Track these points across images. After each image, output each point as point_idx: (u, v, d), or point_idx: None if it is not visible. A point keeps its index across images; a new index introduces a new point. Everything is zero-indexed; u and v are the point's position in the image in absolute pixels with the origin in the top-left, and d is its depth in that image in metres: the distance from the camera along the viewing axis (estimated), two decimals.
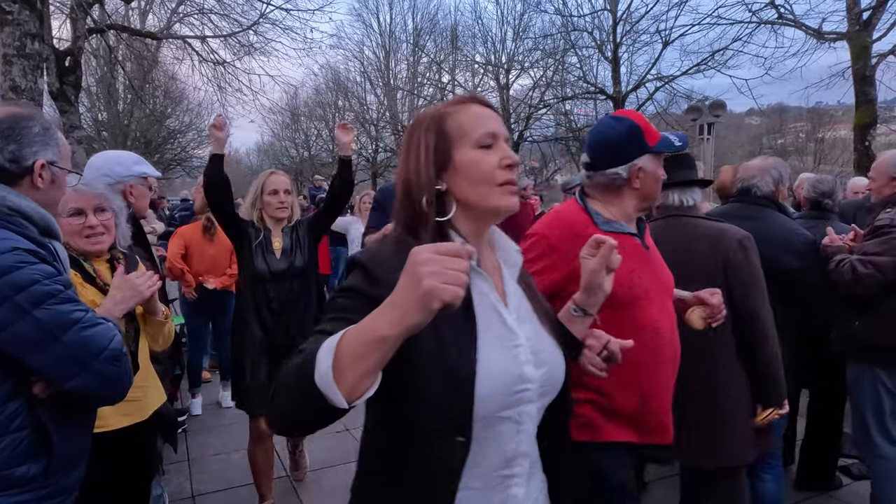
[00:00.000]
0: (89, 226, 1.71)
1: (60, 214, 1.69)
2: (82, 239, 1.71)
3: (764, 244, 2.06)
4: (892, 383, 2.44)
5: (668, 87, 15.11)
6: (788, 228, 2.42)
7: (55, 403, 1.25)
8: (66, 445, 1.27)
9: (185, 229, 4.33)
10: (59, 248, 1.32)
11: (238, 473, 3.35)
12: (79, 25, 9.02)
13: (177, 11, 12.69)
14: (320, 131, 26.49)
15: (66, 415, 1.28)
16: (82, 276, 1.68)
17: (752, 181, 2.47)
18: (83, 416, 1.37)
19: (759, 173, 2.46)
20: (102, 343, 1.26)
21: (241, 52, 12.06)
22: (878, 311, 2.39)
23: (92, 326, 1.25)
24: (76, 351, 1.21)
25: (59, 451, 1.24)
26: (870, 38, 9.00)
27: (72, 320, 1.22)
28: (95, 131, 18.93)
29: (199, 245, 4.24)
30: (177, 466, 3.42)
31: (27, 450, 1.21)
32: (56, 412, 1.25)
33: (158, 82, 18.52)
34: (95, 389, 1.26)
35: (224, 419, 4.22)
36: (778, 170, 2.48)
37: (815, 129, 29.36)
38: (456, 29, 20.67)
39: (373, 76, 23.44)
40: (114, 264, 1.82)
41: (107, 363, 1.26)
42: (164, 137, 21.30)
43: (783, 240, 2.35)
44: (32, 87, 6.07)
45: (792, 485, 3.06)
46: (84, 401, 1.31)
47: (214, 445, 3.75)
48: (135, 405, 1.81)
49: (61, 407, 1.26)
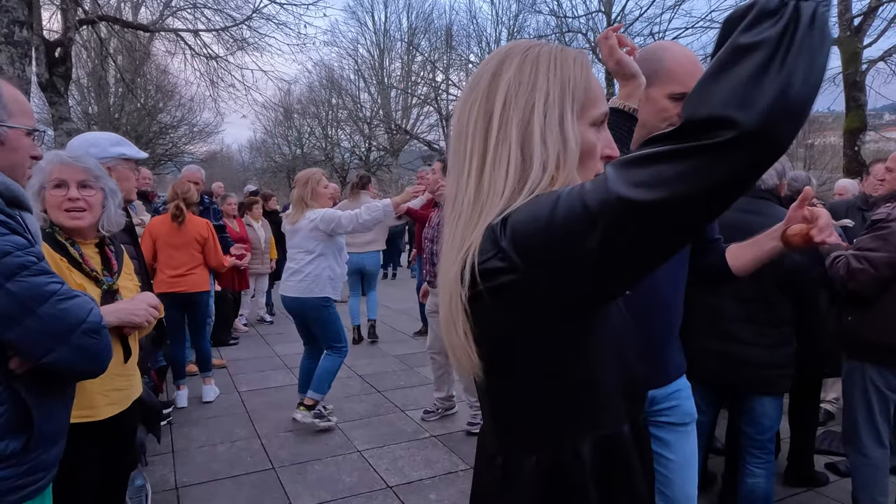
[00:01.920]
0: (70, 198, 1.65)
1: (44, 186, 1.65)
2: (61, 212, 1.65)
3: None
4: (882, 381, 2.43)
5: None
6: None
7: (34, 378, 1.21)
8: (46, 421, 1.24)
9: (152, 223, 4.26)
10: (30, 219, 1.27)
11: (223, 465, 3.32)
12: (69, 16, 8.93)
13: (170, 5, 12.59)
14: (313, 129, 26.39)
15: (46, 390, 1.25)
16: (68, 261, 1.64)
17: None
18: (63, 391, 1.33)
19: None
20: (80, 315, 1.22)
21: (234, 47, 12.01)
22: (870, 307, 2.39)
23: (69, 299, 1.21)
24: (53, 324, 1.18)
25: (39, 427, 1.21)
26: (860, 43, 9.08)
27: (47, 292, 1.18)
28: (85, 124, 18.72)
29: (167, 234, 4.15)
30: (161, 458, 3.38)
31: (6, 426, 1.18)
32: (35, 387, 1.22)
33: (150, 76, 18.39)
34: (74, 363, 1.23)
35: (209, 412, 4.18)
36: (782, 163, 2.48)
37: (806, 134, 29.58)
38: (451, 28, 20.71)
39: (367, 74, 23.40)
40: (104, 249, 1.78)
41: (85, 336, 1.22)
42: (156, 132, 21.11)
43: None
44: (20, 75, 6.00)
45: (780, 481, 3.06)
46: (64, 375, 1.28)
47: (199, 438, 3.71)
48: (123, 394, 1.78)
49: (41, 382, 1.22)
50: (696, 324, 2.41)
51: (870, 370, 2.45)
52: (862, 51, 9.12)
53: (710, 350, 2.39)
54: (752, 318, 2.34)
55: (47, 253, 1.54)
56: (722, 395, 2.58)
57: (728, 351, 2.36)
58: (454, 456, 3.45)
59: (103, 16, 10.58)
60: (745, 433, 2.51)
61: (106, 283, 1.69)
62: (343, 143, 25.39)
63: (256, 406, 4.29)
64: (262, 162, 30.22)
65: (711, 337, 2.39)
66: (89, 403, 1.66)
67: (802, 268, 2.33)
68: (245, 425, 3.93)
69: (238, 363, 5.43)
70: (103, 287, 1.67)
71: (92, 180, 1.71)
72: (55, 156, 1.69)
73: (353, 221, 3.67)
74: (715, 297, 2.41)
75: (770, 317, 2.34)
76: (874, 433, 2.44)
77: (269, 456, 3.44)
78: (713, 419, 2.66)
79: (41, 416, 1.23)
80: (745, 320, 2.35)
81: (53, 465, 1.33)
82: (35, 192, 1.64)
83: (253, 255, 6.38)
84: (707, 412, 2.63)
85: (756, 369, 2.35)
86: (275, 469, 3.28)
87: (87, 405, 1.66)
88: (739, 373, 2.37)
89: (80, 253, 1.67)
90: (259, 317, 7.29)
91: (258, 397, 4.50)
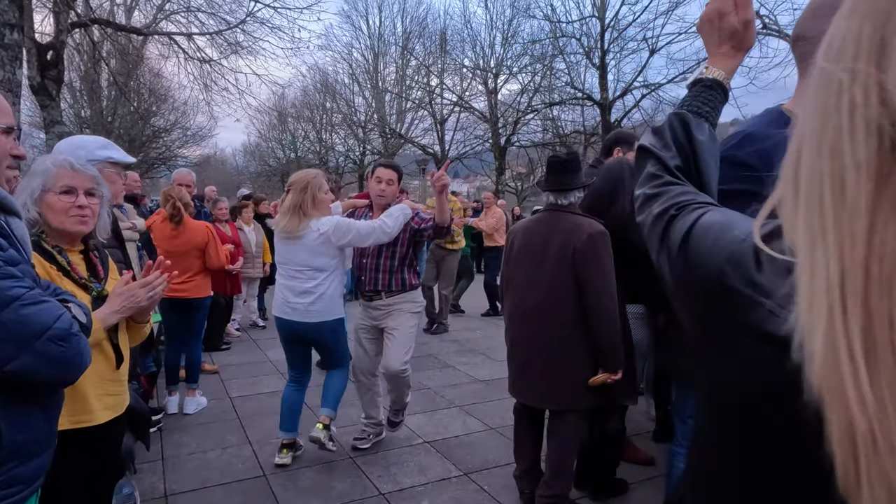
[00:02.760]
0: (79, 205, 1.64)
1: (51, 190, 1.63)
2: (69, 218, 1.63)
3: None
4: None
5: (654, 94, 15.27)
6: None
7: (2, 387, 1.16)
8: (20, 431, 1.21)
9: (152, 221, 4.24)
10: (16, 224, 1.23)
11: (213, 473, 3.28)
12: (62, 19, 8.88)
13: (163, 8, 12.56)
14: (307, 132, 26.35)
15: (18, 398, 1.20)
16: (57, 268, 1.62)
17: None
18: (40, 400, 1.29)
19: None
20: (45, 322, 1.18)
21: (227, 51, 11.98)
22: None
23: (34, 304, 1.17)
24: (15, 330, 1.13)
25: (9, 438, 1.18)
26: None
27: (9, 297, 1.13)
28: (78, 128, 18.63)
29: (166, 240, 4.10)
30: (150, 465, 3.34)
31: None
32: (3, 396, 1.17)
33: (143, 79, 18.31)
34: (39, 371, 1.18)
35: (200, 418, 4.14)
36: None
37: None
38: (445, 33, 20.75)
39: (361, 78, 23.40)
40: (89, 256, 1.75)
41: (51, 343, 1.18)
42: (149, 136, 21.02)
43: None
44: (10, 78, 5.96)
45: None
46: (32, 384, 1.23)
47: (189, 444, 3.67)
48: (117, 399, 1.78)
49: (11, 390, 1.18)
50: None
51: None
52: None
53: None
54: None
55: (37, 261, 1.52)
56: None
57: None
58: (447, 462, 3.43)
59: (96, 19, 10.54)
60: None
61: (95, 290, 1.67)
62: (337, 146, 25.37)
63: (248, 412, 4.26)
64: (256, 166, 30.16)
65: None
66: (86, 408, 1.65)
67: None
68: (236, 431, 3.89)
69: (230, 368, 5.39)
70: (93, 293, 1.66)
71: (96, 188, 1.71)
72: (65, 161, 1.67)
73: (374, 233, 3.16)
74: None
75: None
76: None
77: (260, 463, 3.41)
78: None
79: (12, 427, 1.19)
80: None
81: (34, 479, 1.29)
82: (34, 194, 1.62)
83: (245, 259, 6.34)
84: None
85: None
86: (266, 476, 3.25)
87: (85, 409, 1.65)
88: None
89: (68, 260, 1.65)
90: (251, 321, 7.25)
91: (250, 403, 4.46)
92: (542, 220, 2.70)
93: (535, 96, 18.22)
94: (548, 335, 2.58)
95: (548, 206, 2.70)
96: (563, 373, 2.56)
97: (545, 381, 2.61)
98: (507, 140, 19.16)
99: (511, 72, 19.05)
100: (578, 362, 2.55)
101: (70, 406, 1.53)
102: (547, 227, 2.63)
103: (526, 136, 19.62)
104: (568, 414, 2.66)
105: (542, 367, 2.60)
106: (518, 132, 19.27)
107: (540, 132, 19.46)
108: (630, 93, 15.50)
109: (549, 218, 2.66)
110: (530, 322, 2.65)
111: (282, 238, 3.22)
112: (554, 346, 2.56)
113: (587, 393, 2.56)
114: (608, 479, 3.01)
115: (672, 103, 15.09)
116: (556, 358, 2.56)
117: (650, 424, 3.91)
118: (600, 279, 2.47)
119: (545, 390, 2.63)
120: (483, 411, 4.22)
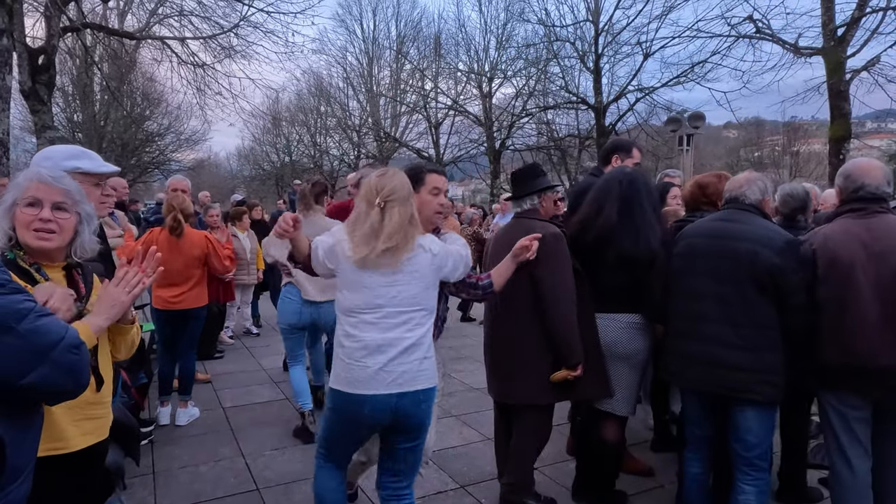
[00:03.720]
0: (41, 218, 1.55)
1: (17, 203, 1.57)
2: (29, 231, 1.55)
3: (744, 240, 2.41)
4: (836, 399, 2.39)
5: (648, 98, 15.32)
6: (770, 228, 2.46)
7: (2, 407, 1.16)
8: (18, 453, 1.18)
9: (154, 232, 4.17)
10: None
11: (206, 487, 3.22)
12: (53, 23, 8.81)
13: (156, 12, 12.49)
14: (302, 136, 26.29)
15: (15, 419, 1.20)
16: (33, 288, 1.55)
17: (740, 191, 2.57)
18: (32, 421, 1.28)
19: (746, 184, 2.57)
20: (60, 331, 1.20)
21: (221, 55, 11.91)
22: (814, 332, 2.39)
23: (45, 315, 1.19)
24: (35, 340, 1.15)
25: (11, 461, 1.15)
26: (844, 53, 9.19)
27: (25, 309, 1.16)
28: (70, 132, 18.50)
29: (166, 252, 4.02)
30: (141, 479, 3.27)
31: None
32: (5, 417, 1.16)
33: (136, 84, 18.22)
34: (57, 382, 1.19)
35: (192, 429, 4.07)
36: (763, 181, 2.59)
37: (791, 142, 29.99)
38: (439, 37, 20.75)
39: (355, 82, 23.38)
40: (71, 273, 1.69)
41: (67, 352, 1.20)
42: (142, 140, 20.93)
43: (764, 237, 2.38)
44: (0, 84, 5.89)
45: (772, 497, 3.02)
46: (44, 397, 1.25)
47: (181, 457, 3.61)
48: (98, 423, 1.69)
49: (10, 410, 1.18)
50: (680, 330, 2.56)
51: (824, 393, 2.44)
52: (845, 61, 9.23)
53: (694, 355, 2.47)
54: (732, 320, 2.39)
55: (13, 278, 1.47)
56: (714, 407, 2.55)
57: (709, 353, 2.41)
58: (443, 474, 3.38)
59: (88, 23, 10.47)
60: (733, 450, 2.49)
61: (77, 308, 1.61)
62: (332, 150, 25.32)
63: (241, 423, 4.20)
64: (250, 170, 30.03)
65: (694, 341, 2.48)
66: (59, 435, 1.58)
67: (780, 269, 2.32)
68: (229, 443, 3.83)
69: (223, 377, 5.32)
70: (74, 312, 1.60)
71: (68, 203, 1.61)
72: (35, 173, 1.60)
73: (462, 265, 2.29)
74: (697, 303, 2.49)
75: (750, 318, 2.36)
76: (840, 453, 2.39)
77: (253, 476, 3.35)
78: (712, 433, 2.62)
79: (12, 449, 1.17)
80: (725, 322, 2.40)
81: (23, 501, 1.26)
82: (6, 207, 1.56)
83: (239, 266, 6.28)
84: (702, 425, 2.62)
85: (735, 371, 2.36)
86: (259, 490, 3.19)
87: (57, 437, 1.57)
88: (720, 376, 2.39)
89: (47, 278, 1.58)
90: (245, 329, 7.18)
91: (243, 413, 4.40)
92: (508, 227, 2.96)
93: (530, 100, 18.26)
94: (509, 333, 2.75)
95: (514, 214, 2.98)
96: (523, 369, 2.70)
97: (508, 377, 2.77)
98: (502, 144, 19.16)
99: (505, 75, 19.08)
100: (536, 358, 2.67)
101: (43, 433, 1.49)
102: (511, 232, 2.82)
103: (521, 139, 19.66)
104: (529, 409, 2.76)
105: (505, 364, 2.79)
106: (513, 136, 19.30)
107: (535, 136, 19.50)
108: (624, 96, 15.54)
109: (514, 224, 2.90)
110: (496, 322, 2.85)
111: (370, 271, 2.08)
112: (514, 343, 2.73)
113: (550, 389, 2.67)
114: (607, 492, 2.97)
115: (666, 107, 15.15)
116: (516, 355, 2.72)
117: (648, 434, 3.87)
118: (552, 276, 2.60)
119: (508, 386, 2.79)
120: (480, 420, 4.17)
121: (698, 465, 2.67)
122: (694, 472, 2.67)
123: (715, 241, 2.49)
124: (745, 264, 2.36)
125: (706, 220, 2.67)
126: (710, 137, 28.55)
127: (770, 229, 2.45)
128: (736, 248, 2.40)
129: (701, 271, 2.49)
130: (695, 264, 2.53)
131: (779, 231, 2.46)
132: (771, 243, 2.36)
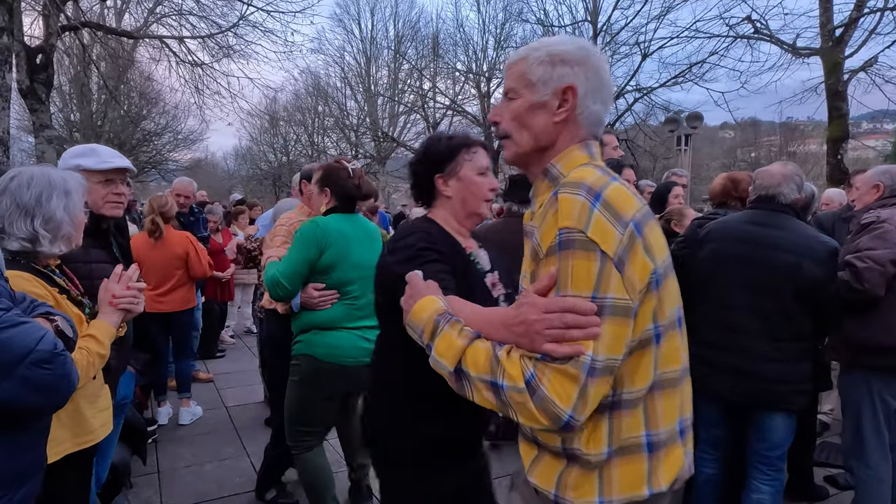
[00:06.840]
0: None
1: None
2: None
3: (786, 251, 2.25)
4: (888, 391, 2.40)
5: (646, 98, 15.34)
6: (810, 235, 2.32)
7: None
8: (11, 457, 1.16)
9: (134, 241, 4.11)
10: None
11: (210, 486, 3.22)
12: (51, 22, 8.78)
13: (154, 12, 12.46)
14: (299, 136, 26.25)
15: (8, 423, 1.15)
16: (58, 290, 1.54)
17: (778, 189, 2.36)
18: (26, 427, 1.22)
19: (784, 181, 2.36)
20: (26, 345, 1.08)
21: (219, 54, 11.88)
22: (871, 314, 2.38)
23: (12, 327, 1.08)
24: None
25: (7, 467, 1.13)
26: (842, 54, 9.23)
27: None
28: (67, 132, 18.45)
29: (145, 252, 3.89)
30: (146, 478, 3.27)
31: None
32: None
33: (134, 83, 18.15)
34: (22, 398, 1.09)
35: (196, 429, 4.06)
36: (801, 176, 2.41)
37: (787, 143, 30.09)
38: (437, 36, 20.73)
39: (353, 82, 23.35)
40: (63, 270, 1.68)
41: (34, 368, 1.08)
42: (139, 139, 20.85)
43: (806, 247, 2.25)
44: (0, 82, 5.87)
45: None
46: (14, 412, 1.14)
47: (186, 456, 3.60)
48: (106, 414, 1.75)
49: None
50: (708, 340, 2.36)
51: (875, 381, 2.42)
52: (843, 61, 9.26)
53: (722, 365, 2.35)
54: (772, 334, 2.28)
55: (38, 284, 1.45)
56: (735, 410, 2.49)
57: (743, 366, 2.31)
58: None
59: (86, 22, 10.43)
60: (753, 449, 2.44)
61: (88, 306, 1.62)
62: (330, 150, 25.27)
63: (245, 422, 4.19)
64: (247, 169, 29.96)
65: (724, 352, 2.34)
66: (88, 428, 1.61)
67: (820, 282, 2.24)
68: (233, 443, 3.83)
69: (225, 376, 5.32)
70: (86, 311, 1.61)
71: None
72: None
73: None
74: (730, 313, 2.35)
75: (790, 332, 2.28)
76: (881, 446, 2.41)
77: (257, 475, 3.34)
78: (731, 433, 2.56)
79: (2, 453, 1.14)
80: (764, 336, 2.28)
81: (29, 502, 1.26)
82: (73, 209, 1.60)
83: None
84: (720, 426, 2.56)
85: (772, 384, 2.29)
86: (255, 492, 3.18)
87: (88, 430, 1.61)
88: (755, 388, 2.30)
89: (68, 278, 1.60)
90: (246, 328, 7.17)
91: (246, 412, 4.40)
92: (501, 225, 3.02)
93: None
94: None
95: (508, 213, 3.04)
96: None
97: None
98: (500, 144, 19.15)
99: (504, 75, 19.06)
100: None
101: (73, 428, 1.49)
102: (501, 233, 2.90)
103: None
104: None
105: None
106: None
107: None
108: (622, 96, 15.54)
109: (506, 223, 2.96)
110: None
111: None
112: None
113: None
114: None
115: (664, 107, 15.18)
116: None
117: None
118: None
119: None
120: None
121: (713, 465, 2.58)
122: (708, 473, 2.57)
123: (750, 249, 2.33)
124: (786, 277, 2.23)
125: (736, 220, 2.47)
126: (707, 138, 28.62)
127: (811, 237, 2.31)
128: (775, 258, 2.26)
129: (735, 281, 2.34)
130: (727, 272, 2.36)
131: (819, 238, 2.31)
132: (813, 253, 2.24)
